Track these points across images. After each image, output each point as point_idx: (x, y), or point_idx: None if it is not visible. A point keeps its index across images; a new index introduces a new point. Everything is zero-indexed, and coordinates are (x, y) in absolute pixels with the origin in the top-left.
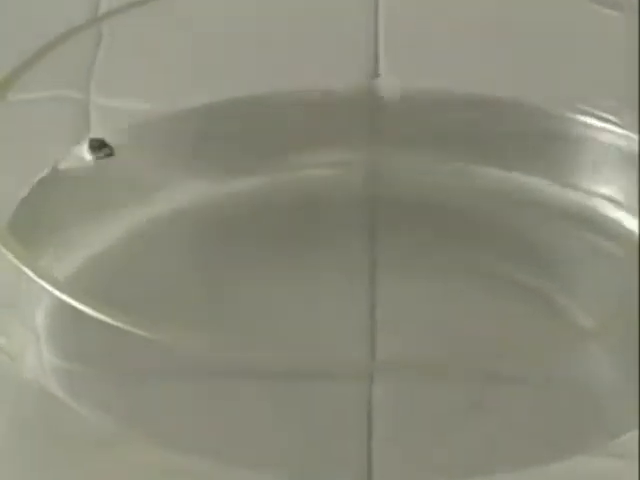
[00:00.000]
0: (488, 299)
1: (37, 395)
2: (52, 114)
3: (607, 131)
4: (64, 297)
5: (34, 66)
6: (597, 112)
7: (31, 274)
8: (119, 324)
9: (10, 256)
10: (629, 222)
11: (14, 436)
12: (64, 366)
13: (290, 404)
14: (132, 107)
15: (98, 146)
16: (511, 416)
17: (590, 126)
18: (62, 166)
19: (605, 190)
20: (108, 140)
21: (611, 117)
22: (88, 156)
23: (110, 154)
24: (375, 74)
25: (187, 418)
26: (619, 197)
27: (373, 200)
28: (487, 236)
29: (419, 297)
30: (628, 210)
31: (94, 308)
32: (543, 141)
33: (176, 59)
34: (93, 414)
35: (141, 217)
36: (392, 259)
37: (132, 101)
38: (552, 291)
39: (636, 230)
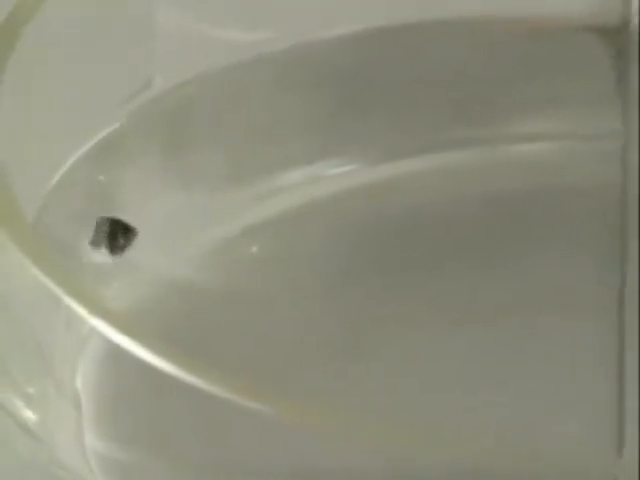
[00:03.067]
0: None
1: None
2: (100, 47)
3: None
4: (129, 343)
5: None
6: None
7: (76, 306)
8: (218, 389)
9: (40, 275)
10: None
11: None
12: (114, 453)
13: None
14: (226, 37)
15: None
16: None
17: None
18: (111, 134)
19: None
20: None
21: None
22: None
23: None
24: None
25: None
26: None
27: (620, 191)
28: None
29: None
30: None
31: (176, 362)
32: None
33: None
34: None
35: (240, 217)
36: None
37: (227, 29)
38: None
39: None
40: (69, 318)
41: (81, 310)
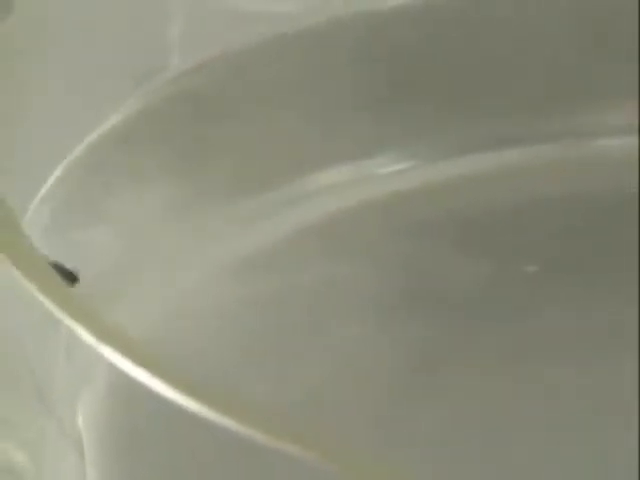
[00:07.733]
0: None
1: None
2: (106, 22)
3: None
4: (144, 375)
5: None
6: None
7: (79, 329)
8: (252, 432)
9: (35, 292)
10: None
11: None
12: None
13: None
14: (252, 9)
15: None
16: None
17: None
18: (116, 127)
19: None
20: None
21: None
22: None
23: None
24: None
25: None
26: None
27: None
28: None
29: None
30: None
31: (202, 399)
32: None
33: None
34: None
35: (271, 225)
36: None
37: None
38: None
39: None
40: (70, 344)
41: (85, 335)
